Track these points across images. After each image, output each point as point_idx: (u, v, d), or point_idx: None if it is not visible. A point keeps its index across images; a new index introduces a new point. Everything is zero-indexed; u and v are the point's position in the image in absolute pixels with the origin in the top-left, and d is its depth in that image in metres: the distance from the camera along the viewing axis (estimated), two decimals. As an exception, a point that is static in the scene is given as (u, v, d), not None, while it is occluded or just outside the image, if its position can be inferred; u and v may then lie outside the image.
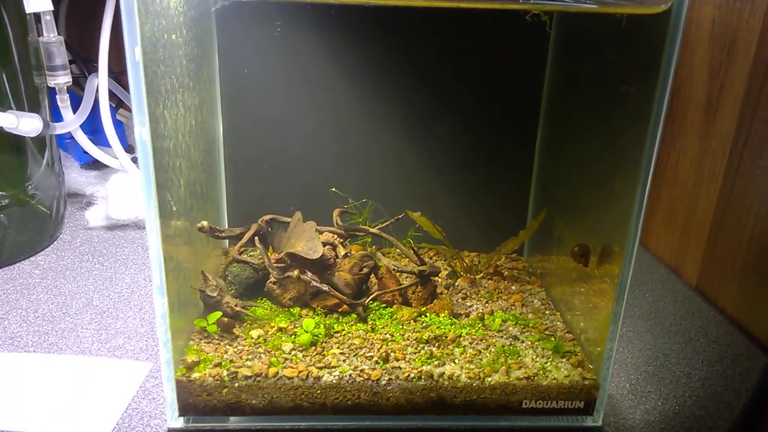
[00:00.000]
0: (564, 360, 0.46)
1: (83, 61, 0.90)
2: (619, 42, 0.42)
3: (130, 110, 0.92)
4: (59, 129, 0.68)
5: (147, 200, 0.38)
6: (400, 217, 0.55)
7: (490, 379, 0.44)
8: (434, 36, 0.55)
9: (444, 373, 0.44)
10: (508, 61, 0.55)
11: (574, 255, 0.47)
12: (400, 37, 0.55)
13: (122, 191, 0.73)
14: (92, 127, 0.82)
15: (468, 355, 0.46)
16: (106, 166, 0.80)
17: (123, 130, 0.91)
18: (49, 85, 0.67)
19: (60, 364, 0.50)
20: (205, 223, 0.48)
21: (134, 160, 0.80)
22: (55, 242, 0.70)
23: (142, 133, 0.37)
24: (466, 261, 0.59)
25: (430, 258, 0.61)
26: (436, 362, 0.45)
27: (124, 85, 0.94)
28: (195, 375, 0.43)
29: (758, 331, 0.40)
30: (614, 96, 0.43)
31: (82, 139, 0.72)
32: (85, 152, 0.79)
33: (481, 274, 0.58)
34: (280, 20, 0.53)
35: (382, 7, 0.52)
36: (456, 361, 0.45)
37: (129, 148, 0.88)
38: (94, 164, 0.87)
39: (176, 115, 0.42)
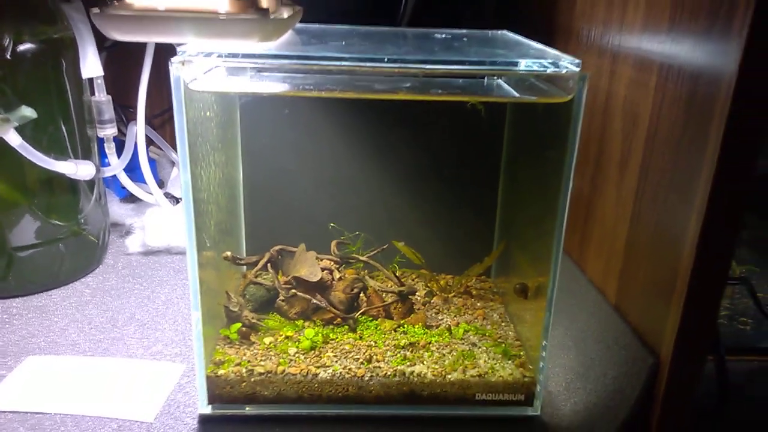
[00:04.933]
0: (510, 362, 0.57)
1: (121, 107, 1.04)
2: (544, 119, 0.55)
3: (160, 148, 1.06)
4: (107, 172, 0.81)
5: (188, 239, 0.50)
6: (385, 247, 0.67)
7: (450, 377, 0.55)
8: (417, 110, 0.67)
9: (414, 371, 0.55)
10: (476, 130, 0.67)
11: (516, 291, 0.59)
12: (386, 113, 0.67)
13: (157, 222, 0.86)
14: (129, 165, 0.96)
15: (434, 357, 0.57)
16: (141, 200, 0.93)
17: (155, 167, 1.04)
18: (98, 135, 0.81)
19: (112, 365, 0.61)
20: (229, 253, 0.61)
21: (166, 194, 0.93)
22: (101, 266, 0.81)
23: (185, 188, 0.49)
24: (441, 282, 0.71)
25: (412, 280, 0.73)
26: (408, 363, 0.56)
27: (155, 127, 1.08)
28: (221, 372, 0.54)
29: (648, 339, 0.52)
30: (544, 157, 0.55)
31: (125, 180, 0.85)
32: (123, 187, 0.92)
33: (453, 294, 0.70)
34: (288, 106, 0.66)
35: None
36: (424, 362, 0.57)
37: (160, 183, 1.01)
38: (131, 198, 1.00)
39: (209, 172, 0.55)
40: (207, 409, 0.54)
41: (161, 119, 1.13)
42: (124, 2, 0.49)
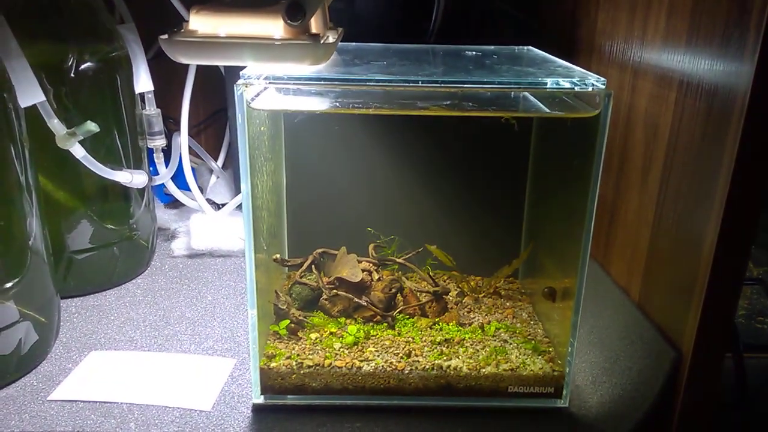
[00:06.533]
0: (540, 357, 0.61)
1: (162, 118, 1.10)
2: (570, 130, 0.59)
3: (199, 157, 1.12)
4: (157, 181, 0.87)
5: (247, 243, 0.55)
6: (420, 250, 0.72)
7: (484, 371, 0.59)
8: (449, 121, 0.70)
9: (450, 365, 0.59)
10: (504, 140, 0.71)
11: (544, 295, 0.63)
12: (419, 125, 0.71)
13: (201, 227, 0.91)
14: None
15: (469, 352, 0.62)
16: (184, 205, 0.98)
17: (195, 175, 1.09)
18: (148, 146, 0.86)
19: (169, 360, 0.65)
20: (278, 255, 0.65)
21: (207, 200, 0.98)
22: (149, 268, 0.87)
23: (245, 198, 0.54)
24: (472, 283, 0.75)
25: (444, 281, 0.77)
26: (445, 358, 0.60)
27: (193, 135, 1.13)
28: (273, 364, 0.58)
29: (670, 335, 0.55)
30: (570, 165, 0.60)
31: (172, 187, 0.91)
32: (167, 194, 0.98)
33: (483, 294, 0.74)
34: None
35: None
36: (460, 357, 0.61)
37: (200, 190, 1.06)
38: (173, 203, 1.06)
39: (262, 181, 0.60)
40: (260, 399, 0.58)
41: (197, 129, 1.19)
42: (188, 29, 0.54)
